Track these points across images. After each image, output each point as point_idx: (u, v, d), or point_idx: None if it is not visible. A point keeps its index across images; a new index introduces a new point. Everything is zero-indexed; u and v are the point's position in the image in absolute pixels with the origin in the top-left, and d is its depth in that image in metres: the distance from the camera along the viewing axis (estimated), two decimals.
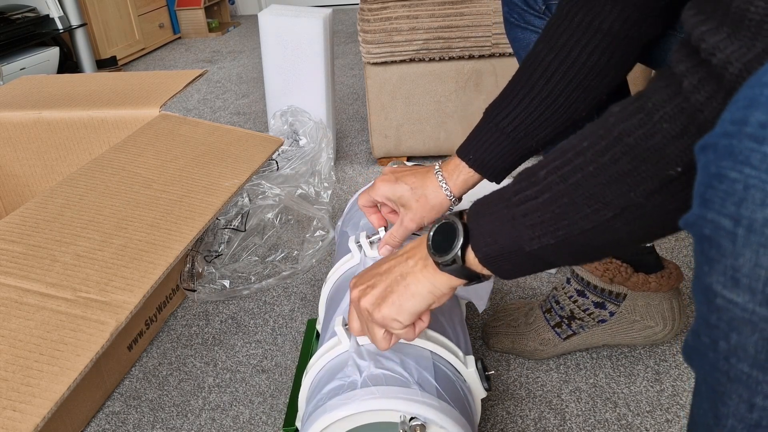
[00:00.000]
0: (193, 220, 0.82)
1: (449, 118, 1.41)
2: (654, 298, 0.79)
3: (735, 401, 0.32)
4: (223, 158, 0.99)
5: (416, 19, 1.30)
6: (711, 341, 0.32)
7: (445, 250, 0.48)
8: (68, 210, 0.82)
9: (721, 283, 0.29)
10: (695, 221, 0.31)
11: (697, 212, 0.30)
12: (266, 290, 1.06)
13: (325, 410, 0.54)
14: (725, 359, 0.31)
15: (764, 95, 0.27)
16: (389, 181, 0.69)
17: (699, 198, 0.30)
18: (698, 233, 0.31)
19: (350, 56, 2.57)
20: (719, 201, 0.28)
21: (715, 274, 0.30)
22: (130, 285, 0.69)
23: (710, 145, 0.29)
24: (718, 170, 0.28)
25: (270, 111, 1.48)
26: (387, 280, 0.52)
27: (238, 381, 0.87)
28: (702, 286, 0.31)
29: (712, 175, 0.29)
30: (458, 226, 0.48)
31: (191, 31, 3.30)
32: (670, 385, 0.79)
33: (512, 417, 0.77)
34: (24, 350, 0.61)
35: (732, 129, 0.28)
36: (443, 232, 0.49)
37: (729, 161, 0.28)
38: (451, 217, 0.50)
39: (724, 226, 0.28)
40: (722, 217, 0.28)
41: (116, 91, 1.19)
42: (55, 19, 2.33)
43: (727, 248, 0.29)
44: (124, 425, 0.81)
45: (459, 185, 0.67)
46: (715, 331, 0.31)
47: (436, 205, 0.67)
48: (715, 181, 0.29)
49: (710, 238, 0.30)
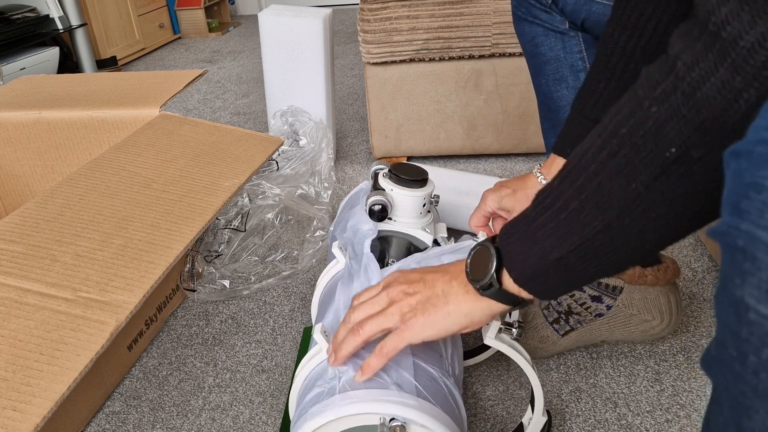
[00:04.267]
0: (193, 220, 0.82)
1: (449, 118, 1.41)
2: (651, 291, 0.79)
3: (762, 416, 0.31)
4: (223, 158, 0.99)
5: (416, 19, 1.30)
6: (740, 354, 0.31)
7: (481, 273, 0.49)
8: (68, 210, 0.82)
9: (755, 297, 0.28)
10: (726, 230, 0.29)
11: (729, 221, 0.29)
12: (266, 290, 1.06)
13: (305, 419, 0.54)
14: (754, 374, 0.30)
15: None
16: (494, 191, 0.75)
17: (731, 207, 0.29)
18: (730, 244, 0.29)
19: (350, 56, 2.57)
20: (756, 212, 0.27)
21: (748, 287, 0.29)
22: (130, 285, 0.69)
23: (744, 151, 0.28)
24: (754, 179, 0.27)
25: (270, 111, 1.48)
26: (427, 292, 0.52)
27: (238, 381, 0.87)
28: (732, 299, 0.30)
29: (747, 184, 0.28)
30: (491, 249, 0.48)
31: (191, 31, 3.30)
32: (670, 385, 0.79)
33: (512, 417, 0.77)
34: (24, 350, 0.61)
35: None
36: (478, 256, 0.50)
37: (767, 170, 0.27)
38: (485, 242, 0.50)
39: (760, 238, 0.27)
40: (759, 229, 0.27)
41: (116, 91, 1.19)
42: (55, 19, 2.33)
43: (764, 261, 0.27)
44: (124, 425, 0.81)
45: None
46: (746, 345, 0.30)
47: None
48: (751, 190, 0.28)
49: (744, 250, 0.28)
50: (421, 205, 0.77)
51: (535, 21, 0.81)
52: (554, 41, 0.81)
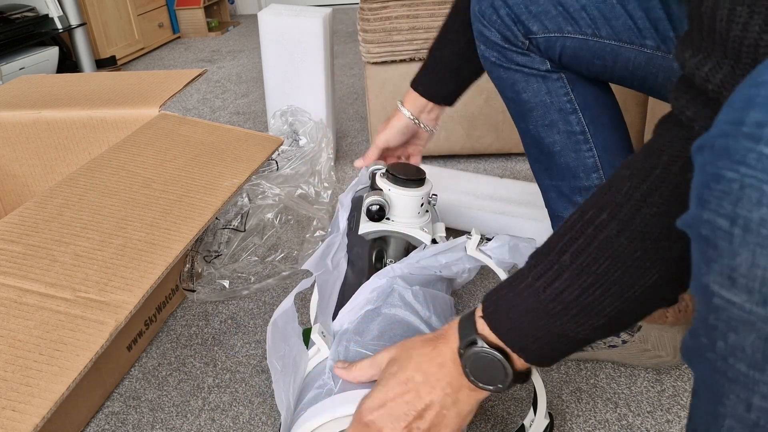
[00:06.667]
0: (193, 220, 0.81)
1: (449, 118, 1.40)
2: (668, 330, 0.78)
3: (733, 401, 0.32)
4: (222, 158, 0.99)
5: (416, 18, 1.29)
6: (709, 341, 0.32)
7: (494, 378, 0.46)
8: (67, 210, 0.82)
9: (719, 283, 0.29)
10: (692, 222, 0.30)
11: (694, 212, 0.30)
12: (266, 290, 1.06)
13: (305, 419, 0.54)
14: (723, 359, 0.31)
15: (761, 95, 0.27)
16: (382, 133, 0.87)
17: (696, 198, 0.30)
18: (695, 233, 0.31)
19: (350, 56, 2.57)
20: (716, 201, 0.28)
21: (712, 274, 0.30)
22: (130, 285, 0.69)
23: (707, 145, 0.29)
24: (714, 170, 0.28)
25: (270, 111, 1.48)
26: (431, 416, 0.47)
27: (238, 381, 0.86)
28: (700, 286, 0.31)
29: (708, 175, 0.29)
30: (497, 356, 0.45)
31: (191, 31, 3.30)
32: (671, 386, 0.79)
33: (512, 417, 0.77)
34: (23, 350, 0.60)
35: (728, 129, 0.28)
36: (479, 363, 0.46)
37: (725, 161, 0.28)
38: (484, 348, 0.45)
39: (720, 226, 0.28)
40: (719, 217, 0.28)
41: (116, 90, 1.19)
42: (54, 19, 2.33)
43: (724, 248, 0.28)
44: (124, 425, 0.81)
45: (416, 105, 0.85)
46: (714, 332, 0.31)
47: (399, 126, 0.85)
48: (711, 181, 0.29)
49: (707, 239, 0.29)
50: (419, 205, 0.77)
51: (512, 67, 0.73)
52: (537, 86, 0.73)
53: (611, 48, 0.66)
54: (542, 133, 0.76)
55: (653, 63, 0.64)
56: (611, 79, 0.72)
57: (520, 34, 0.70)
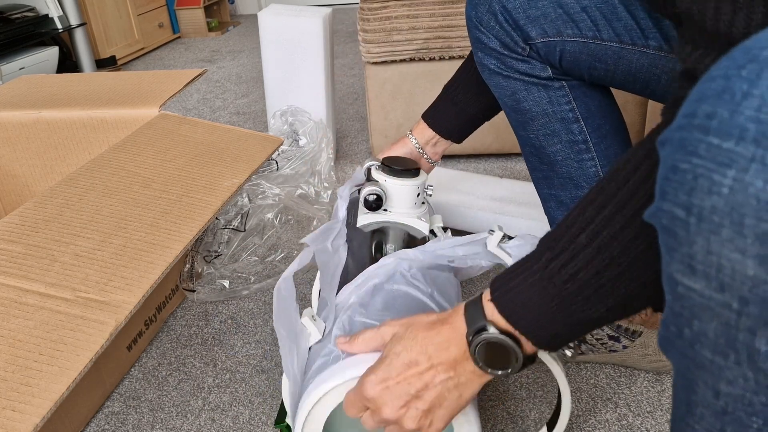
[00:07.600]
0: (193, 220, 0.81)
1: None
2: None
3: (702, 389, 0.32)
4: (222, 158, 0.99)
5: (416, 18, 1.29)
6: (677, 329, 0.32)
7: (505, 364, 0.46)
8: (67, 210, 0.82)
9: (680, 271, 0.30)
10: (655, 213, 0.31)
11: (657, 204, 0.31)
12: (266, 290, 1.06)
13: (315, 385, 0.54)
14: (690, 346, 0.32)
15: (711, 89, 0.28)
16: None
17: (658, 190, 0.31)
18: (659, 224, 0.31)
19: (350, 56, 2.57)
20: (673, 192, 0.29)
21: (674, 263, 0.31)
22: (130, 285, 0.69)
23: (667, 139, 0.30)
24: (672, 162, 0.29)
25: (270, 111, 1.48)
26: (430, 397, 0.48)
27: (238, 381, 0.86)
28: (666, 276, 0.32)
29: (667, 167, 0.30)
30: (509, 343, 0.45)
31: (191, 31, 3.30)
32: (671, 386, 0.79)
33: (513, 417, 0.77)
34: (23, 350, 0.60)
35: (684, 122, 0.29)
36: (489, 349, 0.46)
37: (681, 153, 0.29)
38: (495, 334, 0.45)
39: (678, 216, 0.29)
40: (676, 207, 0.29)
41: (116, 90, 1.19)
42: (54, 19, 2.33)
43: (683, 237, 0.29)
44: (124, 425, 0.81)
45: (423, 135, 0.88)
46: (680, 319, 0.32)
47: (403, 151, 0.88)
48: (669, 172, 0.30)
49: (668, 228, 0.30)
50: (416, 195, 0.78)
51: (512, 75, 0.71)
52: (538, 95, 0.72)
53: (613, 50, 0.65)
54: (543, 142, 0.74)
55: (656, 64, 0.64)
56: (613, 84, 0.70)
57: (520, 40, 0.69)
